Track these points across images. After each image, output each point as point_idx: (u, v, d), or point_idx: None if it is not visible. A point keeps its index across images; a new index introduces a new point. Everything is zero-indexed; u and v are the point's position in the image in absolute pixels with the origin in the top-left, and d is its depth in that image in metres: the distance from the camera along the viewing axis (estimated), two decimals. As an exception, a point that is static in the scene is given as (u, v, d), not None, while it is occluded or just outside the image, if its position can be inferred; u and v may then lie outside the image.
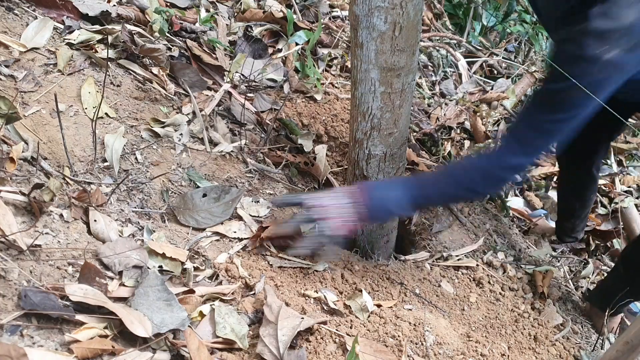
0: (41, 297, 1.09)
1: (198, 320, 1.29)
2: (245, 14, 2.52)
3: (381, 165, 1.71)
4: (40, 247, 1.21)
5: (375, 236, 1.92)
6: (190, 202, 1.60)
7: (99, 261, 1.28)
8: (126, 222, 1.46)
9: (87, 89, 1.68)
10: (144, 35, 2.03)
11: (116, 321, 1.15)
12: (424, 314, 1.56)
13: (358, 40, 1.45)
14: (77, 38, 1.81)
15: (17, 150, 1.36)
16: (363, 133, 1.64)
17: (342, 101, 2.33)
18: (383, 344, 1.40)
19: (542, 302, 1.87)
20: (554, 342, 1.73)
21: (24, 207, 1.27)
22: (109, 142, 1.59)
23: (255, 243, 1.60)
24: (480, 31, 3.58)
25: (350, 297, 1.55)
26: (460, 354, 1.49)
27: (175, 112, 1.88)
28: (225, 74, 2.16)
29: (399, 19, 1.36)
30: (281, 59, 2.39)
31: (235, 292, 1.43)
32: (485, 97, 2.75)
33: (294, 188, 1.96)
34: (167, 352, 1.17)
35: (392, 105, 1.56)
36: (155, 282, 1.25)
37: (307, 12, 2.80)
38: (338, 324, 1.40)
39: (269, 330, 1.26)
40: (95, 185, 1.48)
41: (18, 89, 1.53)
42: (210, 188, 1.66)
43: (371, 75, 1.49)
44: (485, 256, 1.99)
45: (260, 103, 2.15)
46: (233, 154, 1.89)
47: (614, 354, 1.09)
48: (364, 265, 1.75)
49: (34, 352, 0.99)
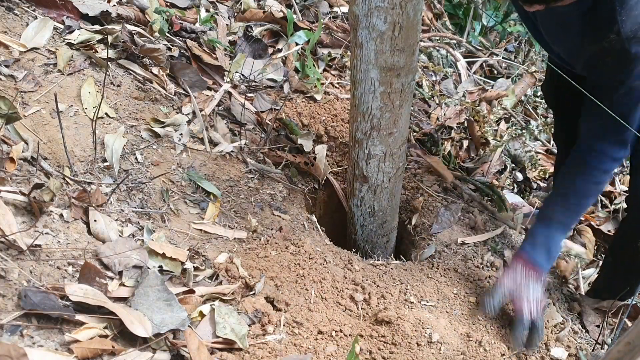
0: (41, 297, 1.09)
1: (198, 320, 1.29)
2: (245, 14, 2.52)
3: (381, 165, 1.71)
4: (40, 247, 1.21)
5: (375, 236, 1.92)
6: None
7: (99, 261, 1.28)
8: (126, 222, 1.46)
9: (87, 89, 1.68)
10: (144, 35, 2.03)
11: (116, 321, 1.15)
12: (424, 313, 1.56)
13: (358, 40, 1.45)
14: (77, 38, 1.81)
15: (17, 150, 1.36)
16: (363, 133, 1.64)
17: (342, 101, 2.33)
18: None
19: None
20: (554, 342, 1.72)
21: (24, 207, 1.27)
22: (109, 142, 1.59)
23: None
24: (480, 31, 3.58)
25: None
26: (460, 353, 1.49)
27: (175, 112, 1.88)
28: (225, 74, 2.16)
29: (398, 19, 1.36)
30: (281, 59, 2.39)
31: (235, 292, 1.43)
32: (485, 95, 2.75)
33: (294, 188, 1.96)
34: (167, 352, 1.17)
35: (391, 105, 1.56)
36: (155, 282, 1.25)
37: (307, 12, 2.80)
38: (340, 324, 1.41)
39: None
40: (95, 185, 1.48)
41: (18, 89, 1.53)
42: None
43: (371, 75, 1.49)
44: (486, 256, 1.99)
45: (260, 103, 2.15)
46: (233, 154, 1.89)
47: (615, 355, 1.08)
48: (363, 266, 1.75)
49: (34, 352, 0.99)
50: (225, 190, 1.77)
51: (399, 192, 1.89)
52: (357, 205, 1.85)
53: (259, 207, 1.79)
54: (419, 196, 2.16)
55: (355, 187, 1.81)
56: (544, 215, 1.67)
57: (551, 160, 2.75)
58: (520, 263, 1.62)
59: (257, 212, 1.77)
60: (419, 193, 2.18)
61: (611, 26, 1.33)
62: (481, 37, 3.55)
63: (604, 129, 1.54)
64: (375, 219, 1.87)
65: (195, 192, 1.70)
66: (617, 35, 1.33)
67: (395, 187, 1.82)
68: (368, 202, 1.82)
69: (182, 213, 1.62)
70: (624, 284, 1.76)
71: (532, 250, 1.63)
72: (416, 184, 2.22)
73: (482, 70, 3.28)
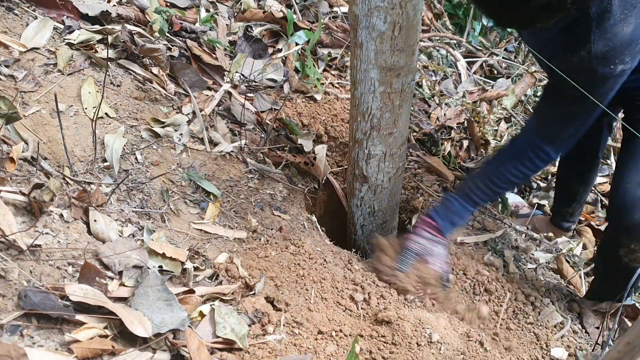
0: (41, 297, 1.09)
1: (198, 320, 1.29)
2: (245, 14, 2.52)
3: (381, 165, 1.71)
4: (40, 247, 1.21)
5: (375, 236, 1.92)
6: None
7: (99, 261, 1.28)
8: (126, 222, 1.46)
9: (87, 89, 1.68)
10: (144, 35, 2.03)
11: (116, 321, 1.15)
12: (424, 313, 1.56)
13: (358, 40, 1.45)
14: (77, 38, 1.81)
15: (17, 150, 1.36)
16: (363, 133, 1.64)
17: (342, 101, 2.33)
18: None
19: (542, 302, 1.87)
20: (554, 342, 1.72)
21: (24, 207, 1.27)
22: (109, 142, 1.59)
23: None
24: (480, 31, 3.58)
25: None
26: (460, 353, 1.49)
27: (175, 112, 1.88)
28: (225, 74, 2.16)
29: (398, 19, 1.36)
30: (281, 59, 2.39)
31: (235, 292, 1.43)
32: (485, 95, 2.75)
33: (294, 188, 1.96)
34: (167, 352, 1.17)
35: (391, 105, 1.56)
36: (155, 282, 1.25)
37: (307, 12, 2.80)
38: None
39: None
40: (95, 185, 1.48)
41: (18, 89, 1.53)
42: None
43: (371, 75, 1.49)
44: (486, 256, 1.99)
45: (260, 103, 2.15)
46: (233, 154, 1.89)
47: (615, 355, 1.08)
48: (363, 266, 1.75)
49: (34, 352, 0.99)
50: (225, 190, 1.77)
51: (399, 192, 1.89)
52: (357, 205, 1.85)
53: (259, 207, 1.79)
54: (419, 196, 2.16)
55: (355, 187, 1.81)
56: (463, 189, 1.76)
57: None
58: (425, 228, 1.73)
59: (257, 212, 1.77)
60: (419, 193, 2.18)
61: (584, 43, 1.37)
62: (481, 37, 3.55)
63: (553, 129, 1.61)
64: (375, 219, 1.87)
65: (195, 192, 1.70)
66: (588, 54, 1.38)
67: (395, 187, 1.82)
68: (368, 202, 1.82)
69: (182, 213, 1.62)
70: (617, 287, 1.76)
71: (436, 215, 1.73)
72: (416, 184, 2.22)
73: (482, 70, 3.28)
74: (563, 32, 1.43)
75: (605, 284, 1.87)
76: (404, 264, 1.68)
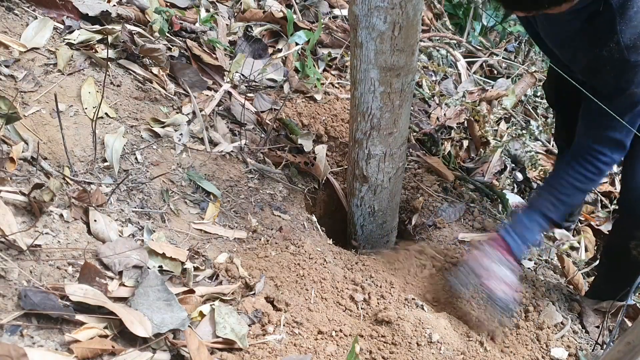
0: (41, 297, 1.09)
1: (198, 320, 1.29)
2: (245, 14, 2.52)
3: (381, 165, 1.71)
4: (40, 247, 1.21)
5: (375, 236, 1.92)
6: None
7: (99, 261, 1.28)
8: (126, 222, 1.46)
9: (87, 89, 1.68)
10: (144, 35, 2.03)
11: (116, 321, 1.15)
12: (424, 313, 1.56)
13: (357, 40, 1.45)
14: (77, 38, 1.81)
15: (17, 150, 1.36)
16: (363, 133, 1.64)
17: (342, 101, 2.33)
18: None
19: (542, 302, 1.87)
20: (554, 342, 1.72)
21: (24, 207, 1.27)
22: (109, 142, 1.59)
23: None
24: (480, 31, 3.58)
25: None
26: (460, 353, 1.49)
27: (175, 112, 1.88)
28: (225, 74, 2.16)
29: (398, 19, 1.36)
30: (281, 59, 2.39)
31: (235, 292, 1.43)
32: (485, 95, 2.75)
33: (294, 188, 1.96)
34: (167, 352, 1.17)
35: (391, 105, 1.56)
36: (155, 282, 1.25)
37: (307, 12, 2.80)
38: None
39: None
40: (95, 185, 1.48)
41: (18, 89, 1.53)
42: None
43: (371, 75, 1.49)
44: (486, 256, 1.99)
45: (260, 103, 2.15)
46: (233, 154, 1.89)
47: (615, 355, 1.08)
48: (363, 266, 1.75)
49: (34, 352, 0.99)
50: (225, 190, 1.77)
51: (399, 192, 1.89)
52: (357, 205, 1.85)
53: (259, 207, 1.79)
54: (419, 196, 2.16)
55: (355, 187, 1.81)
56: (530, 204, 1.70)
57: (551, 160, 2.74)
58: (491, 245, 1.63)
59: (257, 212, 1.77)
60: (419, 193, 2.18)
61: (611, 35, 1.36)
62: (481, 37, 3.55)
63: (601, 130, 1.56)
64: (375, 219, 1.87)
65: (195, 192, 1.70)
66: (617, 45, 1.36)
67: (395, 187, 1.82)
68: (368, 202, 1.82)
69: (182, 213, 1.62)
70: (620, 285, 1.76)
71: (506, 234, 1.63)
72: (416, 184, 2.22)
73: (482, 70, 3.28)
74: (585, 26, 1.41)
75: (608, 281, 1.86)
76: (461, 282, 1.61)
